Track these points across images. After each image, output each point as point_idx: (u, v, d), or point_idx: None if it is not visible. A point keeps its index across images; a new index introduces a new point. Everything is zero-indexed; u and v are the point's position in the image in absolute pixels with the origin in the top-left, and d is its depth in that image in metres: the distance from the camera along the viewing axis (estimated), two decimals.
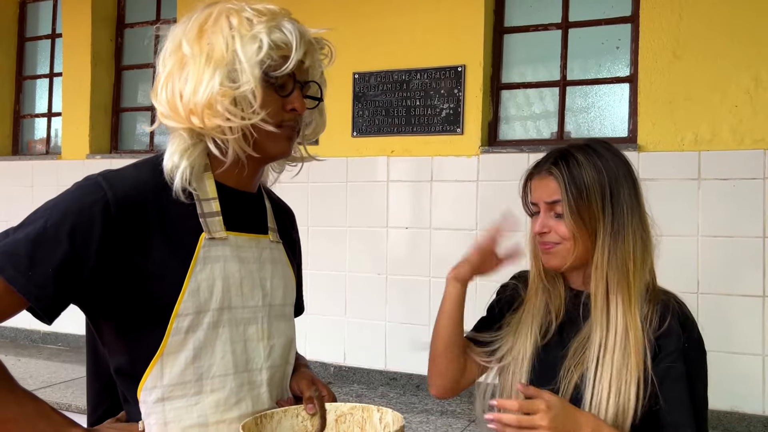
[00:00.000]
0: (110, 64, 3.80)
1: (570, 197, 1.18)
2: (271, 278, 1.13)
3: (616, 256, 1.17)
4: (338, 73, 3.02)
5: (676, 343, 1.15)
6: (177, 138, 1.04)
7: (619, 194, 1.19)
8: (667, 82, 2.53)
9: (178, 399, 1.00)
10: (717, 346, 2.41)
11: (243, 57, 0.99)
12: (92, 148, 3.70)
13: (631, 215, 1.20)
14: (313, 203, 3.11)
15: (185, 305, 0.99)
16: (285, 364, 1.17)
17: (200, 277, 1.01)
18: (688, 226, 2.47)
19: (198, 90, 0.98)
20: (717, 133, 2.46)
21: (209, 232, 1.04)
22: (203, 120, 0.99)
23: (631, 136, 2.65)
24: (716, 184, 2.45)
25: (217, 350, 1.03)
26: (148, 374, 0.99)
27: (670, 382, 1.14)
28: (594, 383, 1.14)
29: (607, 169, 1.20)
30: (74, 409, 2.50)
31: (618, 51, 2.75)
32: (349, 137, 3.04)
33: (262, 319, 1.11)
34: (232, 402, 1.04)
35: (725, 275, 2.42)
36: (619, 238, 1.18)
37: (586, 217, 1.18)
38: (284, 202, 1.34)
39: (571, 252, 1.20)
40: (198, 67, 0.99)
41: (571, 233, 1.19)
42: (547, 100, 2.89)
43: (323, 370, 3.04)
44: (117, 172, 1.03)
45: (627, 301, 1.16)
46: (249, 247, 1.10)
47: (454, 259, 1.36)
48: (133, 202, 0.98)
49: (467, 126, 2.83)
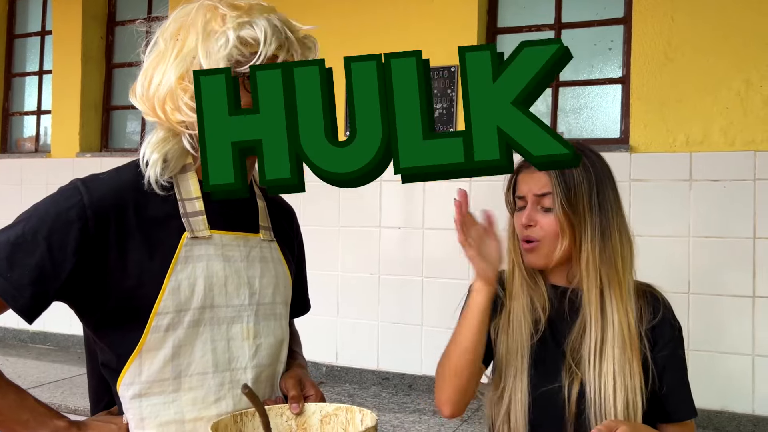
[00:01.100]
0: (100, 62, 3.79)
1: (561, 190, 1.20)
2: (260, 277, 1.14)
3: (605, 253, 1.20)
4: None
5: (671, 331, 1.23)
6: (154, 132, 1.07)
7: (605, 193, 1.22)
8: (659, 84, 2.55)
9: (156, 395, 1.01)
10: (707, 345, 2.45)
11: (203, 52, 1.00)
12: (82, 146, 3.69)
13: (615, 214, 1.23)
14: (305, 203, 3.11)
15: (165, 304, 1.01)
16: (275, 363, 1.17)
17: (181, 276, 1.02)
18: (679, 226, 2.50)
19: (162, 82, 1.01)
20: (708, 134, 2.49)
21: (192, 231, 1.05)
22: (166, 113, 1.02)
23: (623, 137, 2.68)
24: (707, 185, 2.48)
25: (197, 349, 1.04)
26: (126, 370, 1.01)
27: (673, 370, 1.21)
28: (597, 380, 1.16)
29: (593, 168, 1.23)
30: (64, 409, 2.50)
31: (610, 52, 2.77)
32: (341, 136, 3.04)
33: (248, 318, 1.11)
34: (210, 400, 1.05)
35: (716, 276, 2.45)
36: (607, 235, 1.21)
37: (574, 210, 1.20)
38: (284, 200, 1.33)
39: (555, 249, 1.22)
40: (167, 62, 1.02)
41: (559, 227, 1.21)
42: (539, 101, 2.90)
43: (315, 370, 3.05)
44: (97, 176, 1.05)
45: (620, 296, 1.19)
46: (236, 246, 1.11)
47: (447, 259, 1.37)
48: (109, 205, 1.00)
49: (460, 126, 2.84)
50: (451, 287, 2.82)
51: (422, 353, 2.82)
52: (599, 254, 1.20)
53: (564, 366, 1.21)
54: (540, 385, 1.22)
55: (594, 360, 1.18)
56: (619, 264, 1.20)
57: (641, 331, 1.20)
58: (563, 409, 1.18)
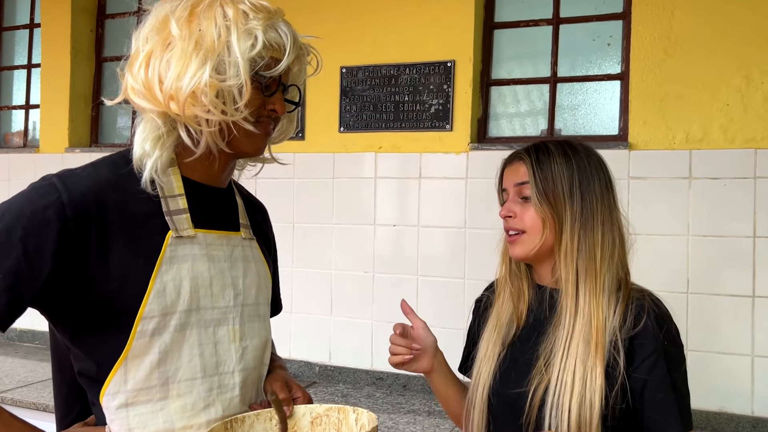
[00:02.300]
0: (90, 56, 3.77)
1: (537, 178, 1.21)
2: (243, 277, 1.12)
3: (585, 243, 1.19)
4: (325, 68, 3.00)
5: (654, 343, 1.15)
6: (149, 123, 1.01)
7: (589, 184, 1.22)
8: (659, 80, 2.55)
9: (143, 404, 0.98)
10: (706, 346, 2.44)
11: (237, 50, 0.97)
12: (71, 141, 3.67)
13: (600, 207, 1.22)
14: (298, 200, 3.10)
15: (150, 307, 0.97)
16: (260, 365, 1.15)
17: (166, 277, 0.99)
18: (678, 225, 2.49)
19: (183, 76, 0.96)
20: (708, 131, 2.48)
21: (176, 230, 1.01)
22: (183, 108, 0.98)
23: (622, 134, 2.67)
24: (707, 184, 2.47)
25: (184, 353, 1.01)
26: (110, 379, 0.97)
27: (654, 388, 1.14)
28: (561, 375, 1.14)
29: (576, 159, 1.23)
30: (52, 410, 2.48)
31: (609, 48, 2.77)
32: (336, 133, 3.04)
33: (233, 319, 1.09)
34: (200, 407, 1.03)
35: (715, 275, 2.45)
36: (588, 226, 1.20)
37: (552, 200, 1.20)
38: (255, 197, 1.31)
39: (536, 240, 1.21)
40: (185, 52, 0.96)
41: (538, 217, 1.21)
42: (537, 97, 2.90)
43: (308, 370, 3.04)
44: (73, 171, 1.00)
45: (593, 289, 1.18)
46: (219, 245, 1.08)
47: (442, 257, 1.38)
48: (90, 203, 0.96)
49: (456, 122, 2.83)
50: (447, 286, 2.81)
51: None
52: (578, 245, 1.19)
53: (535, 369, 1.19)
54: (503, 389, 1.22)
55: (562, 355, 1.16)
56: (597, 256, 1.19)
57: (619, 337, 1.15)
58: (521, 414, 1.17)
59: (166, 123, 1.01)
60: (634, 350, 1.16)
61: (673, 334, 1.19)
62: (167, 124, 1.01)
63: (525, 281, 1.31)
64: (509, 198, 1.27)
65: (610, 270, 1.20)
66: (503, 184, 1.31)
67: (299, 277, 3.02)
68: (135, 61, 1.01)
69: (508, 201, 1.27)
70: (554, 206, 1.20)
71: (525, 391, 1.18)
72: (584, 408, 1.11)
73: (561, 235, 1.20)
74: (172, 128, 1.02)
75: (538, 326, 1.24)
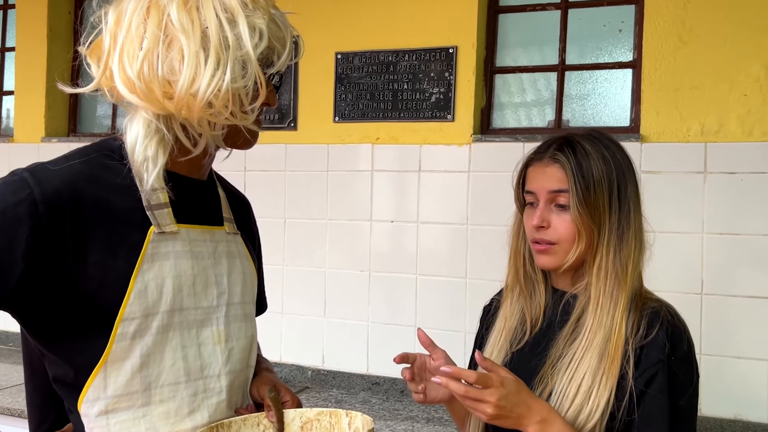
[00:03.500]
0: (68, 39, 3.75)
1: (578, 187, 1.15)
2: (228, 274, 1.11)
3: (620, 257, 1.16)
4: (320, 53, 3.02)
5: (659, 354, 1.13)
6: (143, 123, 0.98)
7: (626, 190, 1.18)
8: (673, 69, 2.55)
9: (124, 411, 0.98)
10: (721, 350, 2.45)
11: (249, 47, 0.95)
12: (48, 130, 3.66)
13: (635, 214, 1.19)
14: (290, 193, 3.10)
15: (131, 308, 0.97)
16: (246, 368, 1.15)
17: (148, 276, 0.98)
18: (693, 222, 2.50)
19: (197, 80, 0.93)
20: (724, 123, 2.49)
21: (158, 225, 1.00)
22: (198, 114, 0.94)
23: (634, 126, 2.68)
24: (723, 178, 2.48)
25: (167, 357, 1.01)
26: (89, 385, 0.96)
27: (649, 397, 1.12)
28: (567, 384, 1.13)
29: (614, 161, 1.19)
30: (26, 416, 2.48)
31: (621, 34, 2.77)
32: (330, 123, 3.03)
33: (218, 320, 1.08)
34: (184, 412, 1.02)
35: (731, 275, 2.46)
36: (624, 237, 1.17)
37: (592, 211, 1.16)
38: (238, 189, 1.30)
39: (571, 252, 1.18)
40: (193, 51, 0.93)
41: (575, 228, 1.17)
42: (543, 86, 2.90)
43: (300, 374, 3.05)
44: (45, 165, 0.97)
45: (619, 303, 1.16)
46: (203, 241, 1.07)
47: (443, 255, 1.37)
48: (64, 198, 0.94)
49: (458, 112, 2.83)
50: (448, 285, 2.82)
51: None
52: (613, 258, 1.16)
53: (538, 375, 1.19)
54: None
55: (569, 365, 1.15)
56: (629, 268, 1.16)
57: (630, 346, 1.13)
58: None
59: (164, 122, 0.99)
60: (640, 359, 1.14)
61: (683, 352, 1.15)
62: (165, 123, 0.99)
63: (542, 284, 1.28)
64: (541, 205, 1.21)
65: (634, 282, 1.18)
66: (528, 185, 1.23)
67: (290, 275, 3.02)
68: (123, 49, 0.96)
69: (541, 209, 1.20)
70: (593, 217, 1.17)
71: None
72: (579, 421, 1.10)
73: (597, 247, 1.17)
74: (168, 127, 1.00)
75: (549, 332, 1.23)
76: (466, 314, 2.75)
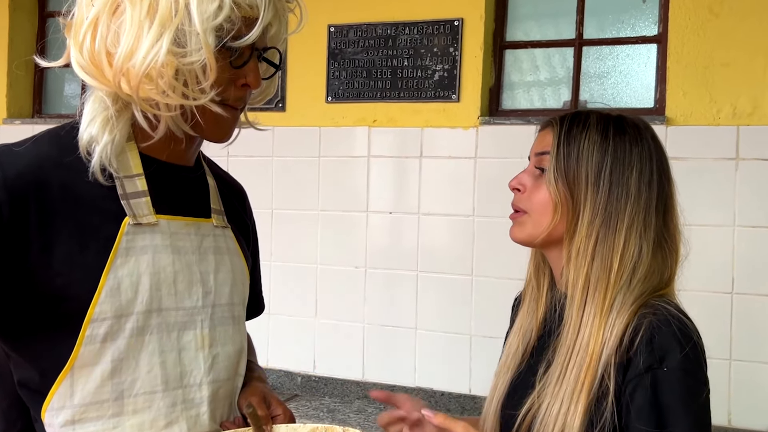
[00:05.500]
0: (32, 10, 3.74)
1: (561, 151, 1.17)
2: (215, 272, 1.11)
3: (603, 245, 1.16)
4: (310, 26, 2.99)
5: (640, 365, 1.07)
6: (97, 102, 0.98)
7: (623, 174, 1.18)
8: (702, 44, 2.54)
9: (92, 422, 0.97)
10: (753, 355, 2.45)
11: (197, 17, 0.95)
12: (10, 111, 3.65)
13: (632, 206, 1.18)
14: (277, 181, 3.09)
15: (102, 308, 0.96)
16: (234, 376, 1.15)
17: (122, 272, 0.98)
18: (723, 214, 2.50)
19: (136, 52, 0.92)
20: (759, 105, 2.48)
21: (134, 216, 0.99)
22: (136, 89, 0.96)
23: (658, 107, 2.67)
24: (757, 165, 2.47)
25: (142, 362, 1.00)
26: (54, 391, 0.95)
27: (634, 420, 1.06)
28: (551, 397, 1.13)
29: (616, 141, 1.19)
30: None
31: (644, 5, 2.76)
32: (322, 103, 3.03)
33: (202, 322, 1.08)
34: (160, 425, 1.02)
35: (765, 272, 2.45)
36: (610, 225, 1.16)
37: (571, 181, 1.17)
38: (232, 177, 1.30)
39: (542, 225, 1.18)
40: (136, 20, 0.93)
41: (550, 198, 1.18)
42: (559, 63, 2.89)
43: (289, 381, 3.05)
44: (8, 147, 0.97)
45: (600, 305, 1.14)
46: (186, 234, 1.07)
47: (447, 250, 1.36)
48: (28, 184, 0.93)
49: (464, 92, 2.83)
50: (451, 283, 2.81)
51: (416, 361, 2.81)
52: (594, 245, 1.16)
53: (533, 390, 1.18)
54: (505, 409, 1.22)
55: (558, 379, 1.14)
56: (614, 265, 1.15)
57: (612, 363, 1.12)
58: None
59: (116, 102, 0.99)
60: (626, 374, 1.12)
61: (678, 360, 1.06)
62: (118, 103, 1.00)
63: (546, 281, 1.29)
64: (526, 169, 1.25)
65: (627, 289, 1.16)
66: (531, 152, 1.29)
67: (278, 272, 3.02)
68: (79, 26, 0.97)
69: (523, 171, 1.24)
70: (572, 190, 1.17)
71: (515, 414, 1.17)
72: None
73: (575, 227, 1.17)
74: (124, 107, 1.00)
75: (548, 338, 1.24)
76: (471, 315, 2.75)
